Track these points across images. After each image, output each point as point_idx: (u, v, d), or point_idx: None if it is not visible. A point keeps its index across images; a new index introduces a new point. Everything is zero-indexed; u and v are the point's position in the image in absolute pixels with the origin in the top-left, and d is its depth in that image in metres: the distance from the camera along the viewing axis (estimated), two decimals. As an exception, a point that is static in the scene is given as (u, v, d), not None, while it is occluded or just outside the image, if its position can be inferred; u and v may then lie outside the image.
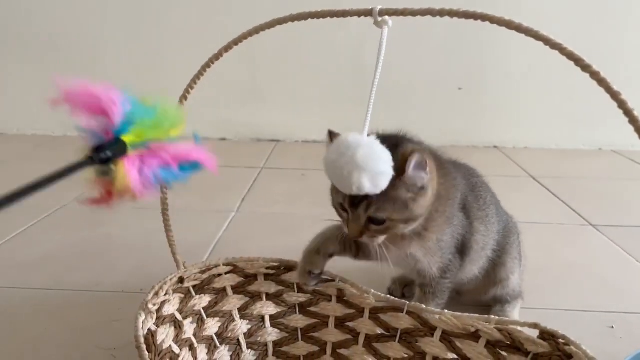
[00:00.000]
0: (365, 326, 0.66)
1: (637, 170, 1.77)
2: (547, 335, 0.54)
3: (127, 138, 0.46)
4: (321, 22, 0.59)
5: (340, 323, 0.68)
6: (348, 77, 1.98)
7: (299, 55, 1.99)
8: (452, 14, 0.49)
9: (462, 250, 0.74)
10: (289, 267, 0.70)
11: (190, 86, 0.63)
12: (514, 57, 1.96)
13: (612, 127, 1.99)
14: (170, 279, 0.64)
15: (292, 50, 1.97)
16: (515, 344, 0.56)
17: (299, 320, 0.69)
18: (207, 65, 0.62)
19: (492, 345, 0.57)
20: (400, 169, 0.58)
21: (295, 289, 0.69)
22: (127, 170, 0.47)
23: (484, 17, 0.48)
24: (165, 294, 0.61)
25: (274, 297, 0.69)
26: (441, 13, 0.50)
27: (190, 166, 0.52)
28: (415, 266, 0.71)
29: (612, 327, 0.80)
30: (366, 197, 0.59)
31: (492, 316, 0.59)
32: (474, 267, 0.77)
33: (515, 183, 1.57)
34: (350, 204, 0.61)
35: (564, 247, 1.10)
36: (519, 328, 0.56)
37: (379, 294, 0.66)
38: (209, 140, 2.07)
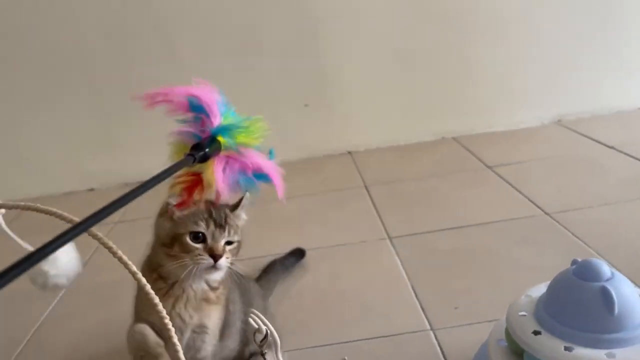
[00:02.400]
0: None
1: (480, 152, 1.93)
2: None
3: (221, 139, 0.53)
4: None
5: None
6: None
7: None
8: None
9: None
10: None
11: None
12: (349, 66, 2.09)
13: (450, 114, 2.17)
14: None
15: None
16: None
17: None
18: None
19: None
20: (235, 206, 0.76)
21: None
22: (215, 168, 0.54)
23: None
24: None
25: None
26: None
27: (261, 176, 0.61)
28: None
29: (345, 358, 0.95)
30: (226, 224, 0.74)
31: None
32: (230, 341, 0.89)
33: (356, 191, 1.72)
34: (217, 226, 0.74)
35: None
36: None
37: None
38: (77, 193, 2.22)
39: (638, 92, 2.17)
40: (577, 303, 0.67)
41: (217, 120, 0.53)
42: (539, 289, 0.75)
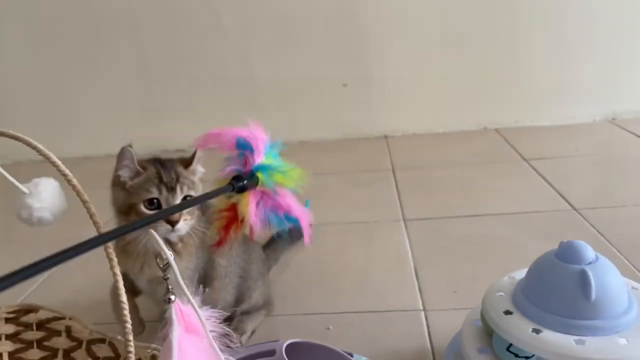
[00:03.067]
0: (82, 356, 0.83)
1: (520, 144, 1.85)
2: None
3: (260, 175, 0.60)
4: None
5: (67, 354, 0.84)
6: (234, 81, 2.12)
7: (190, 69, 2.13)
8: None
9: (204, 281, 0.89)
10: (29, 310, 0.87)
11: None
12: (393, 48, 2.05)
13: (494, 105, 2.09)
14: None
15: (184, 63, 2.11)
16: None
17: (35, 354, 0.86)
18: None
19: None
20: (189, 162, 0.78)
21: (34, 328, 0.86)
22: (249, 201, 0.61)
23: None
24: None
25: (12, 337, 0.86)
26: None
27: (291, 219, 0.66)
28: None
29: (329, 328, 0.94)
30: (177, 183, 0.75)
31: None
32: (224, 293, 0.92)
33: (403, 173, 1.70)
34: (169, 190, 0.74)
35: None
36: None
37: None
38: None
39: None
40: (554, 285, 0.62)
41: (260, 158, 0.58)
42: (524, 271, 0.70)
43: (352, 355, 0.62)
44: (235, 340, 0.50)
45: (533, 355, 0.62)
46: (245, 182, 0.56)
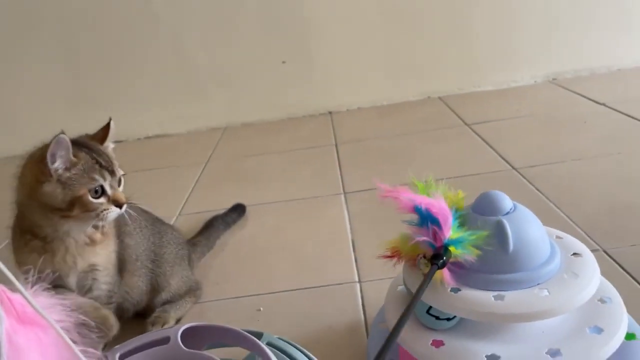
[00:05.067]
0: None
1: (463, 110, 1.83)
2: None
3: (453, 249, 0.56)
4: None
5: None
6: (170, 64, 2.02)
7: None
8: None
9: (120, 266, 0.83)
10: None
11: None
12: (331, 20, 1.99)
13: (437, 73, 2.06)
14: None
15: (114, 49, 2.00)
16: None
17: None
18: None
19: None
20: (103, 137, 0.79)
21: None
22: (444, 275, 0.56)
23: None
24: None
25: None
26: None
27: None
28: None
29: (260, 309, 0.89)
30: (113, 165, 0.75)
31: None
32: (137, 279, 0.86)
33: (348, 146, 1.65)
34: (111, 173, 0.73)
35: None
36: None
37: None
38: None
39: (639, 50, 2.01)
40: (472, 240, 0.58)
41: (449, 233, 0.57)
42: (448, 231, 0.66)
43: (261, 335, 0.57)
44: (98, 331, 0.45)
45: (455, 316, 0.58)
46: (444, 258, 0.56)
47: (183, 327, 0.53)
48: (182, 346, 0.51)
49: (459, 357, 0.55)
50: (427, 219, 0.59)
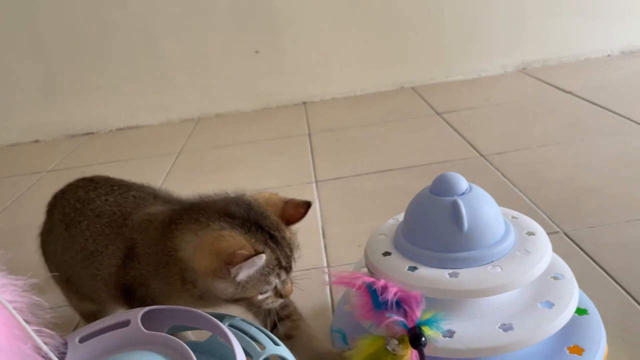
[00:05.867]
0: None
1: (435, 100, 1.85)
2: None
3: (427, 329, 0.55)
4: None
5: None
6: (141, 55, 2.00)
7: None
8: None
9: None
10: None
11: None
12: (304, 10, 1.99)
13: (409, 64, 2.07)
14: None
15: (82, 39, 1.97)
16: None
17: None
18: None
19: None
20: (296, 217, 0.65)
21: None
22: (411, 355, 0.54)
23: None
24: None
25: None
26: None
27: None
28: None
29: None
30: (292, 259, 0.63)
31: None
32: None
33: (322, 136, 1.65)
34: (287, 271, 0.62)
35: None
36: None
37: None
38: (21, 145, 2.16)
39: (606, 39, 2.05)
40: (429, 220, 0.60)
41: (419, 314, 0.55)
42: (408, 213, 0.68)
43: (223, 317, 0.57)
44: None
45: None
46: (424, 339, 0.54)
47: (143, 310, 0.53)
48: (142, 328, 0.52)
49: (416, 334, 0.56)
50: (391, 302, 0.56)
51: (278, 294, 0.61)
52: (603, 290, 0.76)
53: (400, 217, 0.68)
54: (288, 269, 0.61)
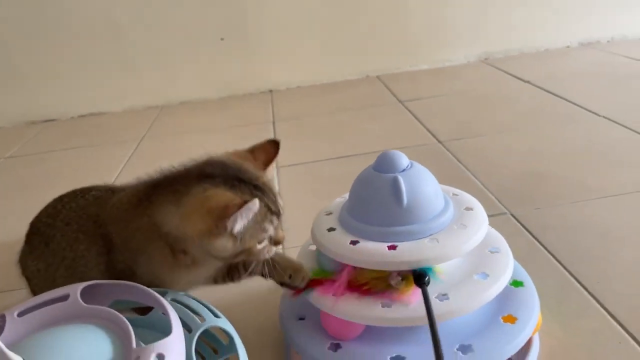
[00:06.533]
0: None
1: (399, 89, 1.87)
2: None
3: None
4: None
5: None
6: (104, 40, 1.97)
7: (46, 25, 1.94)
8: None
9: None
10: None
11: None
12: (270, 0, 1.98)
13: (376, 53, 2.09)
14: None
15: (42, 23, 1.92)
16: None
17: None
18: None
19: None
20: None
21: None
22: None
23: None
24: None
25: None
26: None
27: None
28: None
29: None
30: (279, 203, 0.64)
31: None
32: None
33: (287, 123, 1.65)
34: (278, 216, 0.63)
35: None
36: None
37: None
38: None
39: (566, 31, 2.11)
40: (371, 196, 0.61)
41: None
42: (355, 191, 0.69)
43: (166, 292, 0.58)
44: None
45: (356, 269, 0.61)
46: (428, 277, 0.57)
47: (83, 285, 0.53)
48: (82, 302, 0.52)
49: (359, 304, 0.58)
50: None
51: (273, 241, 0.62)
52: (543, 266, 0.80)
53: (347, 194, 0.70)
54: (278, 214, 0.62)
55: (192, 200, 0.58)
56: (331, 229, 0.63)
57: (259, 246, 0.60)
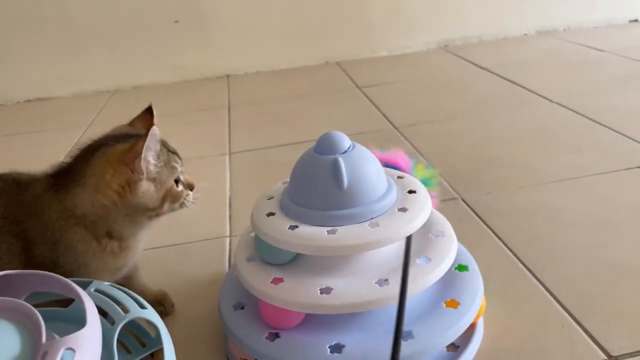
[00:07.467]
0: None
1: (358, 75, 1.85)
2: None
3: None
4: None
5: None
6: (51, 22, 1.87)
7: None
8: None
9: None
10: None
11: None
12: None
13: (335, 39, 2.06)
14: None
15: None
16: None
17: None
18: None
19: None
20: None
21: None
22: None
23: None
24: None
25: None
26: None
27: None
28: None
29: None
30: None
31: None
32: None
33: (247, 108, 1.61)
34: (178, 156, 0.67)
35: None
36: None
37: None
38: None
39: (523, 19, 2.13)
40: (310, 179, 0.59)
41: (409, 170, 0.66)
42: (298, 175, 0.66)
43: (90, 282, 0.54)
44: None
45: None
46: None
47: (-7, 275, 0.49)
48: (-9, 294, 0.48)
49: (297, 291, 0.55)
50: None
51: (186, 185, 0.66)
52: (491, 251, 0.79)
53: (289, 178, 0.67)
54: (177, 153, 0.66)
55: (97, 166, 0.59)
56: (270, 214, 0.60)
57: (179, 187, 0.63)
